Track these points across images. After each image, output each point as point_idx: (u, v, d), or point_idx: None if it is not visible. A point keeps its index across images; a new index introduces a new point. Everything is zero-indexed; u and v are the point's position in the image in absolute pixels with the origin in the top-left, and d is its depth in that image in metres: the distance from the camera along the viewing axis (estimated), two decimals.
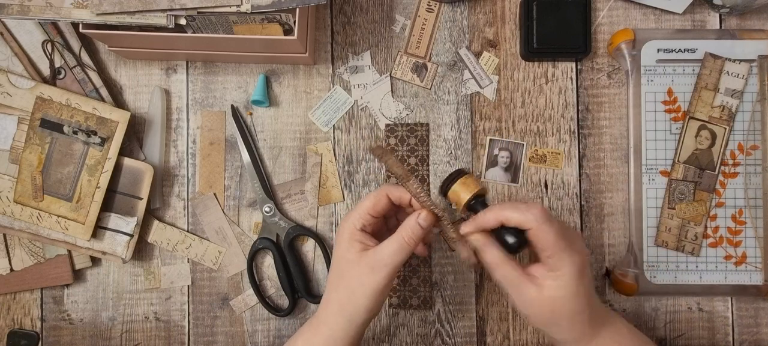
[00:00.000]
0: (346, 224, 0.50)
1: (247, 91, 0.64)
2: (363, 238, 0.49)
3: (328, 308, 0.50)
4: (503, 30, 0.64)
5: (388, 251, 0.48)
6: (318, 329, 0.50)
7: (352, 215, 0.50)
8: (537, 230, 0.46)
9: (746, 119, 0.61)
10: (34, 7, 0.52)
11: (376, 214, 0.50)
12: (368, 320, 0.50)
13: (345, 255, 0.49)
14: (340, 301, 0.49)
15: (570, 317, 0.47)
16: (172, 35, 0.54)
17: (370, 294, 0.48)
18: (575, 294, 0.47)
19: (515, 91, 0.64)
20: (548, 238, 0.46)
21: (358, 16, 0.64)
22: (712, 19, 0.64)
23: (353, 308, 0.49)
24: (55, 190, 0.60)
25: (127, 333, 0.64)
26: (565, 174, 0.63)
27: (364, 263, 0.48)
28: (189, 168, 0.64)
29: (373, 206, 0.49)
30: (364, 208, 0.49)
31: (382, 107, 0.64)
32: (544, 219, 0.46)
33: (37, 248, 0.62)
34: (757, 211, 0.60)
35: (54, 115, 0.59)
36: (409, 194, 0.49)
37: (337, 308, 0.49)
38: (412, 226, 0.48)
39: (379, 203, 0.50)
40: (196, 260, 0.63)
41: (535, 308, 0.48)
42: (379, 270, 0.48)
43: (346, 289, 0.49)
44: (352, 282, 0.48)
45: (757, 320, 0.63)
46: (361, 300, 0.48)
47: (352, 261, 0.49)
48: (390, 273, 0.48)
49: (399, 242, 0.48)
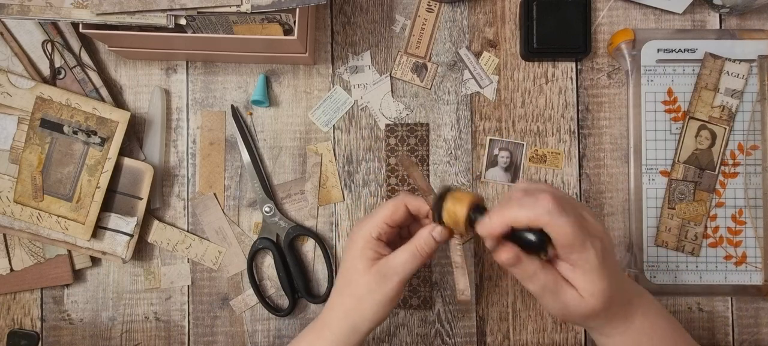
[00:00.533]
0: (362, 231, 0.49)
1: (247, 91, 0.64)
2: (377, 246, 0.49)
3: (332, 313, 0.50)
4: (503, 30, 0.64)
5: (401, 260, 0.47)
6: (321, 333, 0.50)
7: (369, 222, 0.49)
8: (551, 226, 0.42)
9: (746, 119, 0.61)
10: (34, 7, 0.52)
11: (394, 223, 0.49)
12: (372, 328, 0.49)
13: (356, 263, 0.49)
14: (345, 308, 0.49)
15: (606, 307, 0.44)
16: (172, 35, 0.54)
17: (378, 303, 0.48)
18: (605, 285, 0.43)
19: (515, 91, 0.64)
20: (565, 233, 0.41)
21: (358, 16, 0.64)
22: (712, 19, 0.64)
23: (359, 315, 0.48)
24: (55, 190, 0.60)
25: (127, 333, 0.64)
26: (565, 174, 0.63)
27: (375, 271, 0.48)
28: (189, 168, 0.64)
29: (390, 216, 0.49)
30: (381, 216, 0.49)
31: (382, 107, 0.64)
32: (557, 211, 0.41)
33: (37, 248, 0.62)
34: (757, 211, 0.60)
35: (54, 115, 0.59)
36: (426, 207, 0.49)
37: (341, 314, 0.49)
38: (426, 238, 0.47)
39: (398, 212, 0.49)
40: (196, 260, 0.63)
41: (578, 310, 0.44)
42: (389, 279, 0.47)
43: (352, 296, 0.48)
44: (360, 289, 0.48)
45: (757, 320, 0.63)
46: (367, 309, 0.48)
47: (363, 269, 0.48)
48: (400, 282, 0.48)
49: (412, 253, 0.47)
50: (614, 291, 0.44)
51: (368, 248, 0.48)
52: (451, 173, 0.63)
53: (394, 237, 0.51)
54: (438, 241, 0.48)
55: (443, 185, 0.52)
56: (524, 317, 0.63)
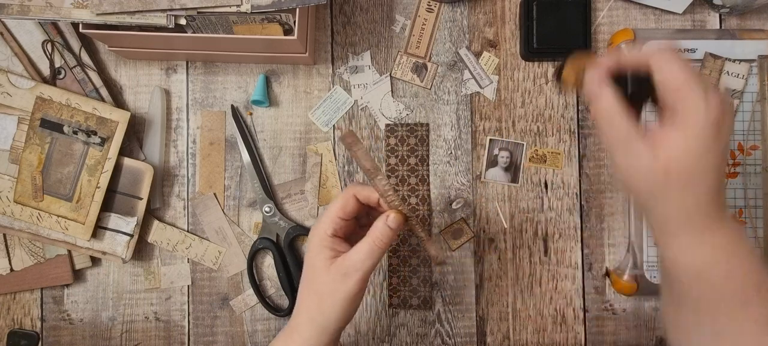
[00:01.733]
0: (317, 230, 0.48)
1: (247, 91, 0.64)
2: (334, 244, 0.48)
3: (299, 318, 0.49)
4: (503, 30, 0.64)
5: (360, 256, 0.46)
6: (290, 338, 0.49)
7: (322, 220, 0.48)
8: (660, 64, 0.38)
9: (746, 119, 0.61)
10: (34, 7, 0.52)
11: (346, 216, 0.48)
12: (341, 327, 0.48)
13: (315, 262, 0.48)
14: (309, 310, 0.48)
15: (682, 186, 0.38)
16: (172, 35, 0.54)
17: (341, 301, 0.46)
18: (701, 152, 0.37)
19: (515, 91, 0.64)
20: (675, 71, 0.37)
21: (358, 16, 0.64)
22: (712, 19, 0.64)
23: (324, 317, 0.47)
24: (55, 190, 0.60)
25: (127, 333, 0.64)
26: (565, 174, 0.63)
27: (335, 269, 0.47)
28: (189, 168, 0.64)
29: (341, 209, 0.47)
30: (332, 212, 0.48)
31: (382, 107, 0.64)
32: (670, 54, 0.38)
33: (37, 248, 0.62)
34: (757, 211, 0.60)
35: (54, 115, 0.59)
36: (375, 194, 0.47)
37: (308, 318, 0.48)
38: (381, 229, 0.46)
39: (348, 204, 0.48)
40: (196, 260, 0.63)
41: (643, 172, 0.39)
42: (350, 276, 0.46)
43: (316, 297, 0.48)
44: (323, 289, 0.47)
45: None
46: (331, 308, 0.47)
47: (322, 268, 0.47)
48: (362, 279, 0.46)
49: (369, 246, 0.46)
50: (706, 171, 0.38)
51: (325, 247, 0.47)
52: (451, 173, 0.63)
53: (352, 230, 0.50)
54: (393, 229, 0.46)
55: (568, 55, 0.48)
56: (524, 317, 0.63)
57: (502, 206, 0.63)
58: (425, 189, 0.63)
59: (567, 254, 0.63)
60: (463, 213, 0.63)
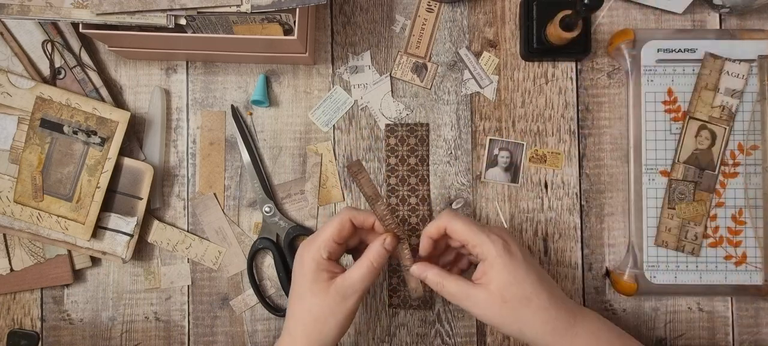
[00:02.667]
0: (310, 253, 0.49)
1: (247, 91, 0.64)
2: (329, 266, 0.49)
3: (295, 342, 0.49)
4: (503, 30, 0.64)
5: (358, 277, 0.49)
6: None
7: (316, 242, 0.50)
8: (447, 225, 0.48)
9: (746, 119, 0.61)
10: (34, 7, 0.52)
11: (341, 240, 0.50)
12: (337, 342, 0.50)
13: (312, 287, 0.49)
14: (307, 334, 0.49)
15: (526, 304, 0.47)
16: (172, 35, 0.54)
17: (341, 321, 0.49)
18: (517, 275, 0.47)
19: (515, 91, 0.64)
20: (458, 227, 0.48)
21: (358, 16, 0.64)
22: (712, 19, 0.64)
23: (322, 336, 0.49)
24: (55, 190, 0.60)
25: (127, 333, 0.64)
26: (565, 174, 0.63)
27: (334, 291, 0.48)
28: (189, 168, 0.64)
29: (338, 233, 0.49)
30: (328, 235, 0.49)
31: (382, 107, 0.64)
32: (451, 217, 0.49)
33: (37, 248, 0.62)
34: (757, 211, 0.60)
35: (54, 115, 0.59)
36: (371, 218, 0.51)
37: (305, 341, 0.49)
38: (378, 250, 0.49)
39: (344, 229, 0.50)
40: (196, 260, 0.63)
41: (493, 309, 0.47)
42: (349, 297, 0.49)
43: (313, 320, 0.49)
44: (323, 312, 0.48)
45: (757, 320, 0.63)
46: (332, 329, 0.49)
47: (321, 292, 0.48)
48: (361, 298, 0.49)
49: (367, 267, 0.49)
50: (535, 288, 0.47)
51: (321, 270, 0.49)
52: (451, 173, 0.63)
53: (342, 252, 0.53)
54: (389, 251, 0.49)
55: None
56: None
57: (502, 206, 0.63)
58: (425, 189, 0.63)
59: (567, 254, 0.63)
60: (463, 213, 0.63)
